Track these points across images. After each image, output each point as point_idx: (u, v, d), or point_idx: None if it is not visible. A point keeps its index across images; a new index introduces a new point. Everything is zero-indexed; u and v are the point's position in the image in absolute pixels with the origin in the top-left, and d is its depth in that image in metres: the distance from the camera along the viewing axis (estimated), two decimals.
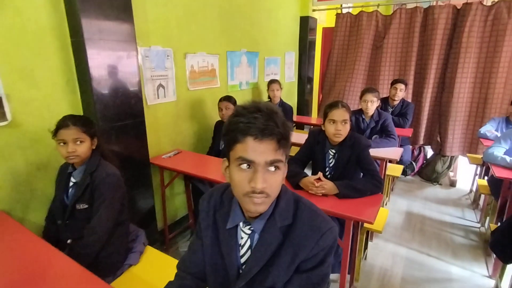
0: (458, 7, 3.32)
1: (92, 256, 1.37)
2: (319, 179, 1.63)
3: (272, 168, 0.72)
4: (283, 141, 0.72)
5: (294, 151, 3.92)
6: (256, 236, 0.84)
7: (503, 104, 3.28)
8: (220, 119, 2.54)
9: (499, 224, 2.15)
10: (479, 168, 3.21)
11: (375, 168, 1.69)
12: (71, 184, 1.45)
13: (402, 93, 3.20)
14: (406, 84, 3.21)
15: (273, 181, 0.73)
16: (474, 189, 3.27)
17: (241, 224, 0.85)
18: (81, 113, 1.73)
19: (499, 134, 2.69)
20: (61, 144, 1.34)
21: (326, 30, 4.23)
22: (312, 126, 4.30)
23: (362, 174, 1.79)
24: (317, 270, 0.78)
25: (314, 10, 4.14)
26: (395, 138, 2.56)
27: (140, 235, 1.67)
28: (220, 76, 2.82)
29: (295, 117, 3.82)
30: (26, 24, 1.45)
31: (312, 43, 4.31)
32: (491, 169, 2.12)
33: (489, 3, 3.19)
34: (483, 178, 2.97)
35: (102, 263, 1.42)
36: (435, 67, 3.49)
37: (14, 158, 1.49)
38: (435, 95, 3.61)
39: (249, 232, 0.84)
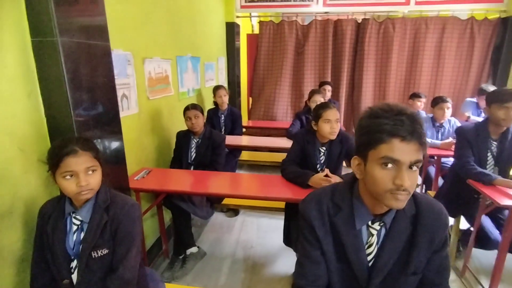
0: (359, 22, 4.05)
1: None
2: (326, 175, 1.75)
3: (414, 168, 0.77)
4: (424, 142, 0.77)
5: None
6: (383, 231, 0.88)
7: (395, 98, 4.20)
8: (185, 129, 2.35)
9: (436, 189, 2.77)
10: None
11: None
12: (74, 228, 1.10)
13: (329, 93, 3.67)
14: (332, 85, 3.70)
15: (414, 179, 0.77)
16: None
17: (369, 222, 0.87)
18: (47, 136, 1.32)
19: None
20: (68, 177, 1.01)
21: (250, 37, 4.40)
22: (244, 129, 4.43)
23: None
24: (445, 247, 0.88)
25: (238, 17, 4.25)
26: None
27: (150, 273, 1.41)
28: (173, 83, 2.59)
29: None
30: None
31: (238, 49, 4.42)
32: None
33: (380, 20, 4.01)
34: None
35: None
36: (346, 70, 4.16)
37: None
38: (348, 93, 4.29)
39: (378, 228, 0.87)
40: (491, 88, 3.10)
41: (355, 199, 0.89)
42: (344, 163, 2.05)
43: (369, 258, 0.88)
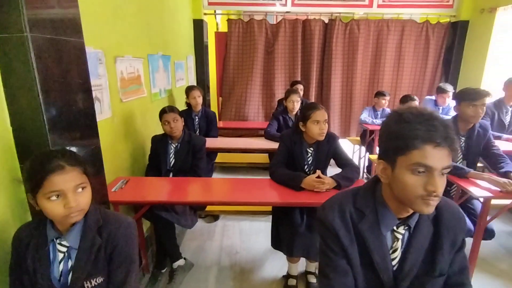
0: (326, 22, 4.14)
1: None
2: (318, 177, 1.75)
3: (444, 173, 0.76)
4: (456, 148, 0.76)
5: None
6: (407, 234, 0.87)
7: (361, 96, 4.38)
8: (160, 133, 2.20)
9: None
10: (356, 147, 4.16)
11: (350, 158, 1.96)
12: (59, 256, 0.95)
13: (301, 92, 3.69)
14: (303, 85, 3.74)
15: (444, 184, 0.77)
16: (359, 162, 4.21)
17: (394, 226, 0.86)
18: (14, 150, 1.13)
19: (375, 120, 3.60)
20: (53, 198, 0.86)
21: (218, 35, 4.27)
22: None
23: (338, 165, 2.00)
24: (463, 246, 0.90)
25: (205, 14, 4.11)
26: None
27: None
28: (145, 84, 2.40)
29: None
30: None
31: (206, 47, 4.27)
32: None
33: (346, 21, 4.14)
34: (365, 154, 3.90)
35: None
36: (315, 69, 4.24)
37: None
38: (318, 92, 4.38)
39: (403, 232, 0.87)
40: (449, 87, 3.37)
41: (379, 203, 0.87)
42: None
43: (393, 262, 0.87)
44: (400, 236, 0.87)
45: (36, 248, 0.93)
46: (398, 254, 0.87)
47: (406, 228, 0.87)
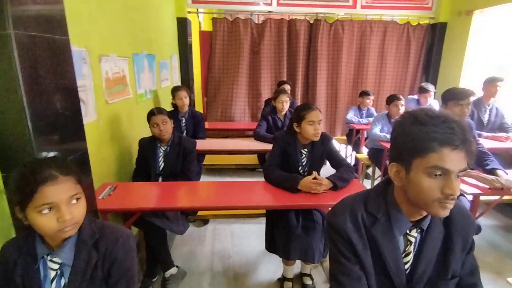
0: (311, 22, 4.16)
1: None
2: (314, 178, 1.73)
3: (460, 175, 0.75)
4: (473, 151, 0.75)
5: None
6: (419, 237, 0.86)
7: (345, 96, 4.44)
8: (148, 135, 2.10)
9: None
10: (342, 146, 4.20)
11: (344, 158, 1.96)
12: (51, 274, 0.87)
13: (288, 92, 3.69)
14: (290, 85, 3.74)
15: (459, 187, 0.76)
16: None
17: (407, 230, 0.85)
18: None
19: (361, 119, 3.65)
20: (45, 211, 0.79)
21: (203, 34, 4.18)
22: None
23: (332, 165, 2.00)
24: (473, 247, 0.90)
25: (189, 12, 4.01)
26: None
27: None
28: (131, 84, 2.30)
29: None
30: None
31: (190, 46, 4.17)
32: (376, 144, 2.89)
33: (330, 22, 4.18)
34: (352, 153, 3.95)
35: None
36: (301, 69, 4.24)
37: None
38: (304, 92, 4.40)
39: (415, 235, 0.86)
40: (431, 86, 3.47)
41: (391, 207, 0.85)
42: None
43: (406, 266, 0.86)
44: (413, 240, 0.85)
45: (25, 266, 0.85)
46: (410, 257, 0.86)
47: (418, 231, 0.86)
